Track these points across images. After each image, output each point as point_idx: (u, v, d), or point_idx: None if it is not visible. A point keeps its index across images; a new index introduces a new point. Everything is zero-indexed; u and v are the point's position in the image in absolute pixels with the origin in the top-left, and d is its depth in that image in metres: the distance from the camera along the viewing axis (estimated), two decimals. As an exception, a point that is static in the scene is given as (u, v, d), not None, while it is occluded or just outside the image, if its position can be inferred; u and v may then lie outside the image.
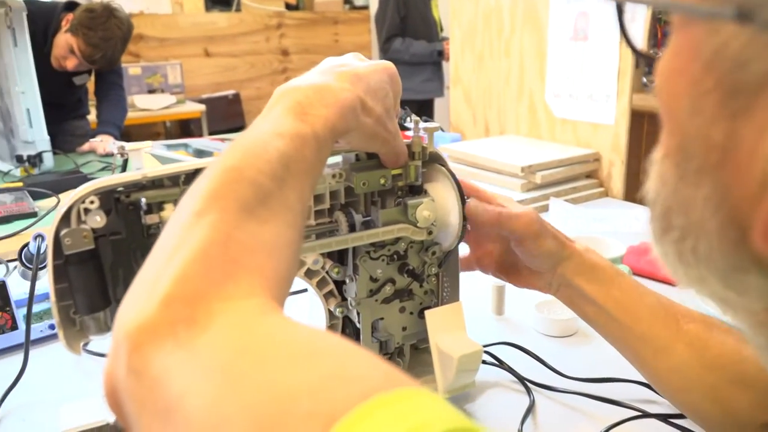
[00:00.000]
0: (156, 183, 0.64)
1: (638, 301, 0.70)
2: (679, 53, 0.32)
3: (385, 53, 4.03)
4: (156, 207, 0.64)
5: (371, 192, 0.74)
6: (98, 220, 0.61)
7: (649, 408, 0.81)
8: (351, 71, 0.59)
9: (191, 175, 0.64)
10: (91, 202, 0.60)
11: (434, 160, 0.76)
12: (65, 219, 0.60)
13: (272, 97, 0.55)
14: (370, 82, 0.60)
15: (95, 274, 0.62)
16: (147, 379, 0.33)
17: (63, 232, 0.59)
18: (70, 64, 2.36)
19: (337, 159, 0.74)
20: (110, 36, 2.33)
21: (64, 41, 2.33)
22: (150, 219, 0.62)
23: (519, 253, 0.75)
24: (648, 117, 3.79)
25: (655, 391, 0.83)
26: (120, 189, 0.63)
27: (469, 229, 0.75)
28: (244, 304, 0.37)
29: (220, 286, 0.37)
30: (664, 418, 0.79)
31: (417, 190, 0.74)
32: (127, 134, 4.04)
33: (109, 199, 0.62)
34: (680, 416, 0.78)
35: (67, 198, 0.60)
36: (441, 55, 3.94)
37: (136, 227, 0.63)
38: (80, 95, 2.77)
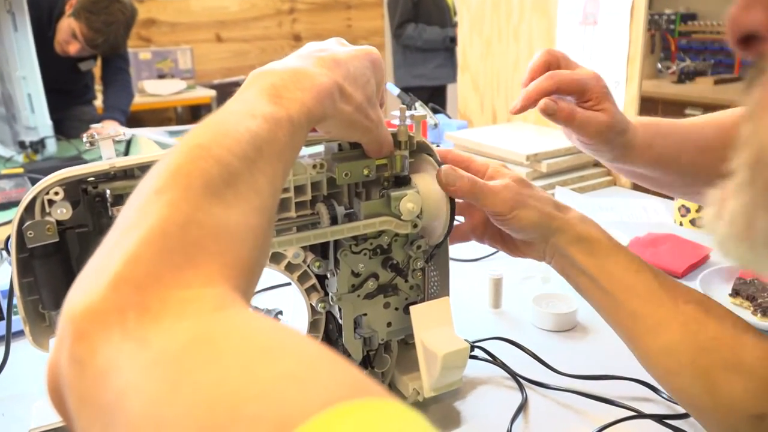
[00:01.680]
0: (127, 173, 0.62)
1: (634, 276, 0.66)
2: None
3: (398, 39, 4.00)
4: (127, 198, 0.61)
5: (355, 183, 0.71)
6: (63, 212, 0.58)
7: (646, 407, 0.78)
8: (330, 56, 0.56)
9: (162, 165, 0.61)
10: (56, 194, 0.58)
11: (422, 149, 0.73)
12: (29, 210, 0.58)
13: (247, 79, 0.52)
14: (350, 68, 0.57)
15: (61, 268, 0.60)
16: (91, 371, 0.30)
17: (26, 224, 0.57)
18: (73, 48, 2.35)
19: (319, 149, 0.72)
20: (113, 21, 2.31)
21: (67, 26, 2.32)
22: (117, 211, 0.60)
23: (499, 227, 0.72)
24: (662, 103, 3.73)
25: (653, 389, 0.80)
26: (89, 179, 0.61)
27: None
28: (202, 294, 0.33)
29: (176, 271, 0.34)
30: (660, 418, 0.76)
31: (403, 181, 0.71)
32: (138, 120, 4.03)
33: (75, 190, 0.60)
34: (676, 417, 0.75)
35: (31, 188, 0.58)
36: (453, 41, 3.89)
37: (104, 220, 0.61)
38: (87, 81, 2.75)
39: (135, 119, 3.64)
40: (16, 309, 1.00)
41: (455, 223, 0.74)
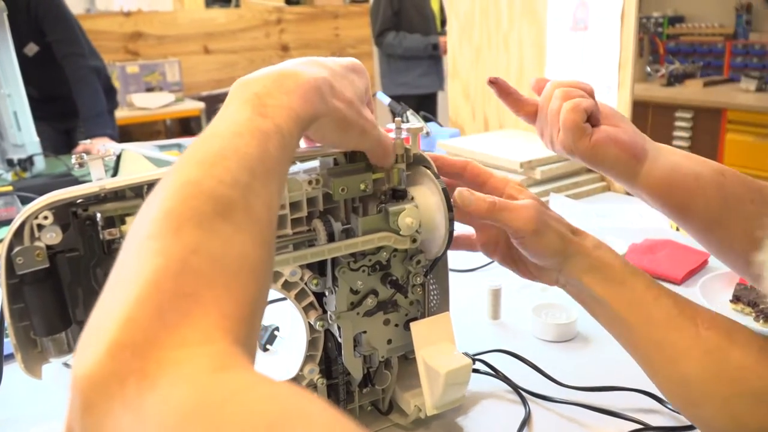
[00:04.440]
0: (118, 194, 0.60)
1: (652, 303, 0.63)
2: None
3: (379, 47, 3.99)
4: (118, 220, 0.60)
5: (352, 198, 0.70)
6: (53, 236, 0.57)
7: (650, 418, 0.77)
8: (315, 59, 0.56)
9: (154, 186, 0.60)
10: (45, 218, 0.56)
11: (419, 162, 0.72)
12: (18, 235, 0.56)
13: (230, 91, 0.50)
14: (336, 68, 0.56)
15: (52, 294, 0.58)
16: None
17: (14, 250, 0.55)
18: None
19: (314, 164, 0.70)
20: None
21: None
22: (109, 234, 0.58)
23: (518, 248, 0.68)
24: (652, 107, 3.73)
25: (658, 400, 0.79)
26: (78, 202, 0.59)
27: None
28: (199, 353, 0.32)
29: (172, 329, 0.32)
30: (666, 431, 0.74)
31: (400, 195, 0.70)
32: (127, 133, 4.01)
33: (65, 213, 0.58)
34: (682, 429, 0.74)
35: (20, 213, 0.56)
36: (436, 48, 3.88)
37: (95, 243, 0.59)
38: None
39: (124, 133, 3.61)
40: (7, 332, 0.98)
41: (461, 232, 0.72)
